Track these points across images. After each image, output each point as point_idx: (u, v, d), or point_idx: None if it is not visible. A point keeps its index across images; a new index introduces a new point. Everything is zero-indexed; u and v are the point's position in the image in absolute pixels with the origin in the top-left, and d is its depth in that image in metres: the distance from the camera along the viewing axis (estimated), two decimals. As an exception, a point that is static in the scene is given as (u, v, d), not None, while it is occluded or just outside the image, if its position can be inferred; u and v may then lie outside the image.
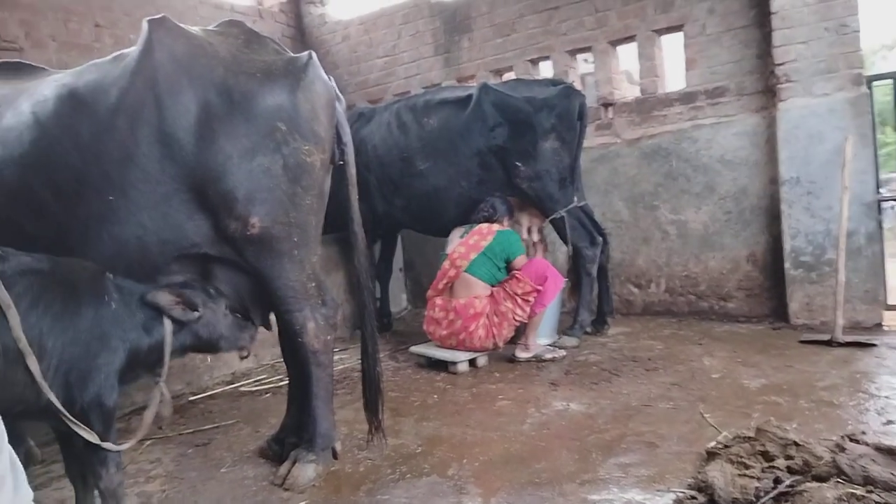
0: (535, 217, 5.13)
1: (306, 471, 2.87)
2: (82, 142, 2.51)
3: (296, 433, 3.10)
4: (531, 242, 5.13)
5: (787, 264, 4.99)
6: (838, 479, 2.17)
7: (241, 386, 4.59)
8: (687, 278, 5.67)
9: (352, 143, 3.12)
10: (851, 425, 2.94)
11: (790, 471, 2.33)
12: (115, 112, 2.51)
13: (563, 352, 4.67)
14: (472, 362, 4.60)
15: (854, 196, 4.54)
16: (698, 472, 2.48)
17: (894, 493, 2.04)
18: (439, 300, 4.71)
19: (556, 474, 2.75)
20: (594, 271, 5.05)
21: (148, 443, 3.52)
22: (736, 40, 5.26)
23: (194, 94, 2.58)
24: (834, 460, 2.26)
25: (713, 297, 5.56)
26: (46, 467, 3.22)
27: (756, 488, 2.22)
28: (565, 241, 5.02)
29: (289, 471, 2.89)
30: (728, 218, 5.42)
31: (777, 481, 2.24)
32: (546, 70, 6.42)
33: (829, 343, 4.29)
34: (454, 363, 4.50)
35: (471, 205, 4.96)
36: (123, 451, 2.36)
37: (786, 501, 2.15)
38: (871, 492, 2.06)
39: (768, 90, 5.11)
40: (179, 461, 3.30)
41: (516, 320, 4.52)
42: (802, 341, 4.43)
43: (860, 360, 3.95)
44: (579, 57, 6.38)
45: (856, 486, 2.10)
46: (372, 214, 5.46)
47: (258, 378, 4.75)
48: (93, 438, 2.18)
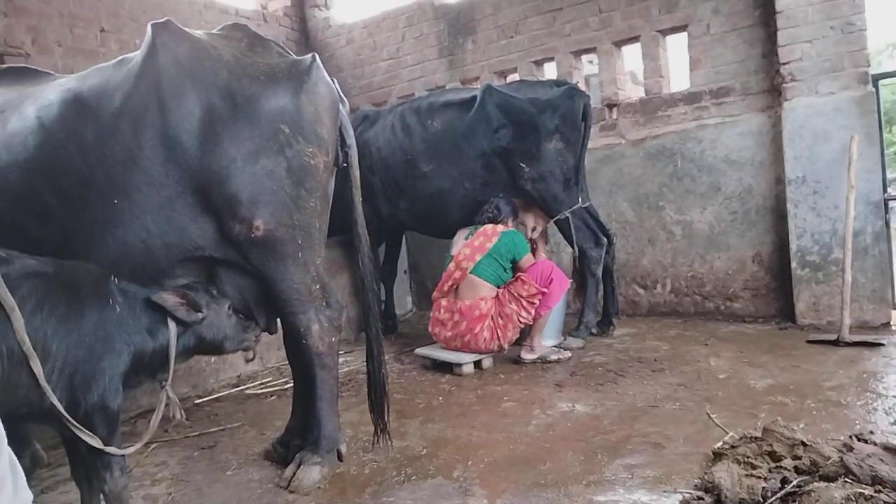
0: (539, 218, 5.12)
1: (311, 473, 2.87)
2: (87, 146, 2.52)
3: (301, 435, 3.09)
4: (535, 243, 5.12)
5: (794, 264, 4.97)
6: (846, 479, 2.16)
7: (247, 389, 4.60)
8: (693, 279, 5.65)
9: (356, 145, 3.12)
10: (859, 425, 2.92)
11: (798, 471, 2.32)
12: (119, 116, 2.52)
13: (568, 353, 4.66)
14: (478, 364, 4.59)
15: (860, 195, 4.53)
16: (705, 473, 2.47)
17: (903, 493, 2.02)
18: (444, 302, 4.71)
19: (561, 476, 2.74)
20: (599, 272, 5.04)
21: (154, 446, 3.53)
22: (741, 40, 5.25)
23: (198, 98, 2.58)
24: (842, 460, 2.25)
25: (719, 297, 5.54)
26: (53, 470, 3.23)
27: (763, 489, 2.21)
28: (570, 242, 5.01)
29: (294, 473, 2.88)
30: (734, 218, 5.40)
31: (784, 481, 2.23)
32: (550, 71, 6.41)
33: (836, 343, 4.26)
34: (459, 365, 4.50)
35: (475, 206, 4.95)
36: (128, 455, 2.37)
37: (793, 502, 2.14)
38: (880, 491, 2.05)
39: (773, 89, 5.10)
40: (185, 464, 3.31)
41: (521, 322, 4.51)
42: (809, 341, 4.41)
43: (868, 359, 3.93)
44: (584, 58, 6.38)
45: (864, 486, 2.09)
46: (376, 216, 5.47)
47: (263, 381, 4.76)
48: (95, 442, 2.18)
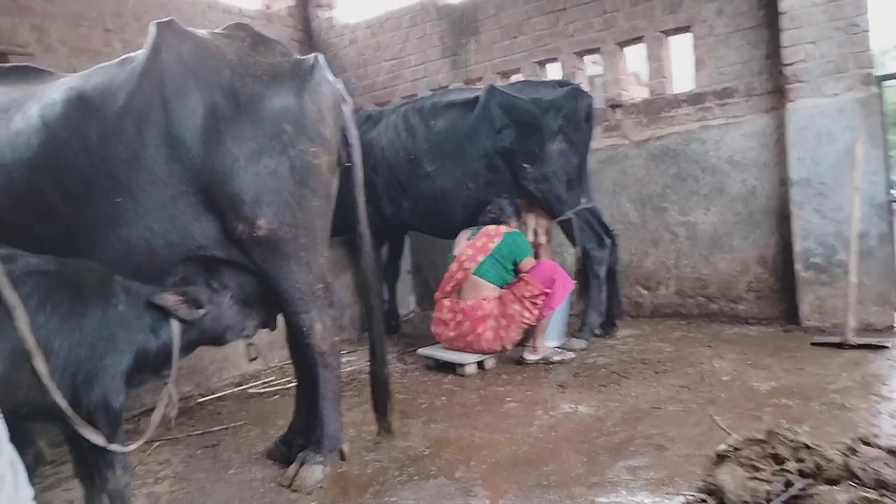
0: (542, 219, 5.11)
1: (314, 472, 2.87)
2: (90, 144, 2.52)
3: (304, 435, 3.09)
4: (538, 244, 5.11)
5: (798, 266, 4.96)
6: (850, 483, 2.14)
7: (250, 388, 4.60)
8: (696, 280, 5.64)
9: (359, 144, 3.11)
10: (863, 428, 2.91)
11: (801, 474, 2.30)
12: (123, 115, 2.52)
13: (571, 354, 4.66)
14: (480, 364, 4.59)
15: (865, 197, 4.52)
16: (708, 475, 2.45)
17: (907, 496, 2.01)
18: (447, 302, 4.70)
19: (564, 477, 2.73)
20: (603, 273, 5.03)
21: (157, 444, 3.53)
22: (744, 41, 5.24)
23: (201, 97, 2.59)
24: (846, 463, 2.23)
25: (723, 299, 5.53)
26: (56, 468, 3.23)
27: (767, 491, 2.19)
28: (573, 242, 5.00)
29: (296, 472, 2.88)
30: (737, 219, 5.39)
31: (788, 484, 2.22)
32: (554, 72, 6.41)
33: (840, 345, 4.25)
34: (462, 365, 4.49)
35: (478, 206, 4.95)
36: (131, 453, 2.37)
37: (797, 505, 2.12)
38: (884, 495, 2.03)
39: (777, 90, 5.08)
40: (188, 462, 3.31)
41: (524, 323, 4.50)
42: (814, 343, 4.39)
43: (872, 362, 3.92)
44: (587, 58, 6.37)
45: (868, 490, 2.08)
46: (380, 216, 5.47)
47: (267, 380, 4.76)
48: (98, 440, 2.18)
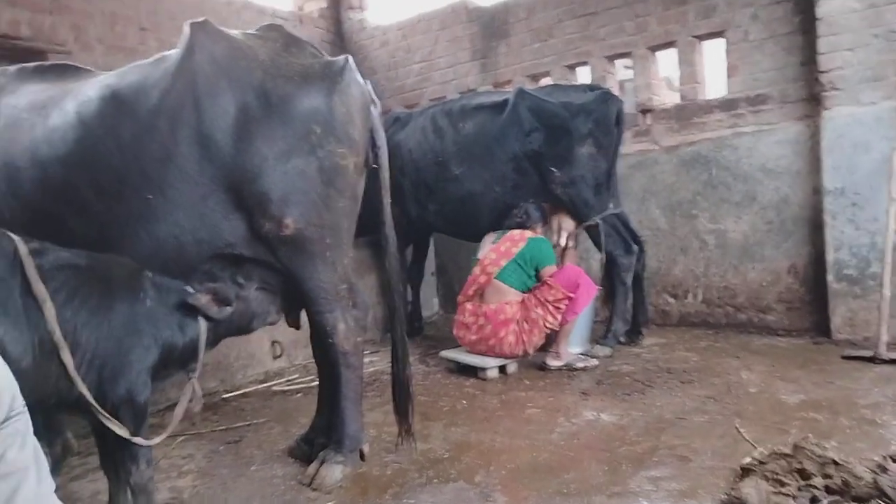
0: (568, 223, 5.07)
1: (334, 472, 2.88)
2: (124, 142, 2.57)
3: (325, 434, 3.11)
4: (563, 249, 5.07)
5: (830, 277, 4.85)
6: (879, 501, 2.09)
7: (274, 385, 4.64)
8: (725, 289, 5.55)
9: (386, 146, 3.12)
10: (895, 445, 2.83)
11: (828, 490, 2.25)
12: (156, 113, 2.57)
13: (595, 361, 4.61)
14: (502, 369, 4.57)
15: (902, 208, 4.40)
16: (732, 489, 2.41)
17: (939, 517, 1.96)
18: (469, 305, 4.69)
19: (584, 485, 2.71)
20: (629, 280, 4.98)
21: (181, 438, 3.58)
22: (779, 47, 5.15)
23: (233, 97, 2.62)
24: (875, 481, 2.18)
25: (752, 309, 5.43)
26: (83, 459, 3.29)
27: (792, 507, 2.15)
28: (600, 248, 4.96)
29: (317, 471, 2.90)
30: (769, 228, 5.29)
31: (814, 500, 2.17)
32: (584, 76, 6.37)
33: (872, 359, 4.14)
34: (484, 369, 4.48)
35: (505, 210, 4.93)
36: (155, 446, 2.41)
37: (823, 522, 2.08)
38: (915, 515, 1.98)
39: (812, 98, 4.98)
40: (211, 458, 3.35)
41: (547, 327, 4.47)
42: (844, 357, 4.29)
43: (905, 377, 3.82)
44: (619, 63, 6.32)
45: (898, 509, 2.03)
46: (405, 218, 5.48)
47: (290, 378, 4.80)
48: (123, 433, 2.22)
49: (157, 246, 2.62)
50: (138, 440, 2.27)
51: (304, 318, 3.10)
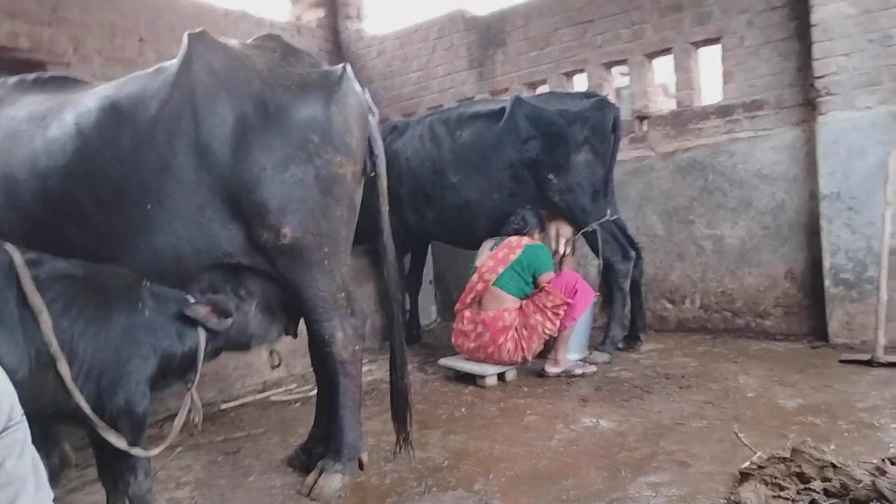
0: (566, 230, 5.09)
1: (332, 481, 2.87)
2: (122, 152, 2.57)
3: (323, 443, 3.10)
4: (562, 256, 5.08)
5: (827, 281, 4.87)
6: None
7: (272, 395, 4.63)
8: (722, 294, 5.56)
9: (384, 155, 3.13)
10: (893, 448, 2.83)
11: (827, 493, 2.26)
12: (155, 123, 2.57)
13: (593, 367, 4.62)
14: (501, 376, 4.57)
15: (897, 212, 4.41)
16: (731, 493, 2.43)
17: (938, 520, 1.96)
18: (468, 313, 4.70)
19: (584, 492, 2.71)
20: (627, 286, 4.99)
21: (179, 449, 3.57)
22: (775, 53, 5.18)
23: (231, 107, 2.63)
24: (874, 483, 2.19)
25: (749, 314, 5.44)
26: (80, 471, 3.27)
27: (791, 511, 2.16)
28: (597, 254, 4.97)
29: (315, 481, 2.89)
30: (766, 233, 5.31)
31: (813, 504, 2.18)
32: (580, 83, 6.39)
33: (869, 363, 4.15)
34: (482, 377, 4.48)
35: (502, 217, 4.94)
36: (153, 458, 2.40)
37: (822, 526, 2.08)
38: (913, 518, 1.99)
39: (808, 103, 5.00)
40: (209, 468, 3.34)
41: (546, 334, 4.47)
42: (842, 361, 4.30)
43: (903, 381, 3.82)
44: (615, 70, 6.34)
45: (897, 512, 2.03)
46: (403, 226, 5.49)
47: (288, 387, 4.79)
48: (121, 444, 2.21)
49: (155, 256, 2.63)
50: (136, 451, 2.26)
51: (302, 327, 3.11)
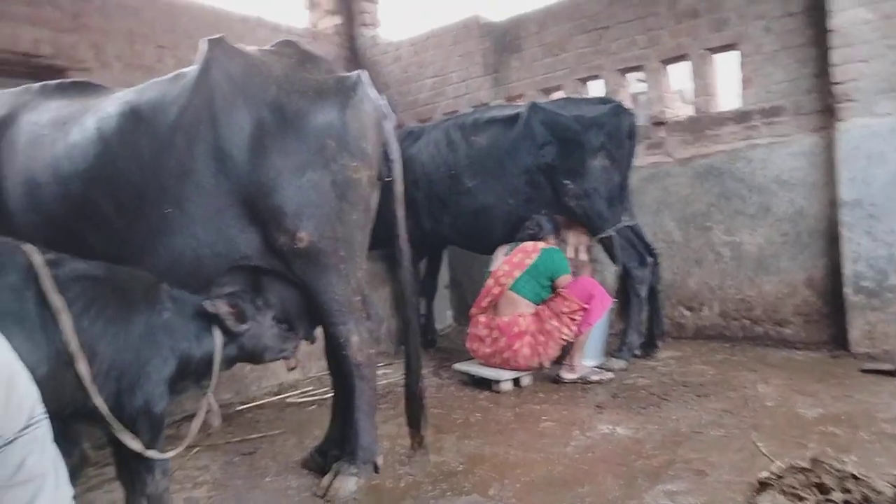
0: (582, 236, 5.08)
1: (347, 483, 2.88)
2: (143, 157, 2.61)
3: (339, 446, 3.11)
4: (578, 262, 5.07)
5: (848, 290, 4.80)
6: (900, 516, 2.07)
7: (288, 397, 4.66)
8: (741, 302, 5.51)
9: (400, 160, 3.15)
10: (916, 460, 2.79)
11: (847, 505, 2.22)
12: (174, 129, 2.61)
13: (610, 374, 4.59)
14: (516, 382, 4.55)
15: (919, 219, 4.36)
16: (749, 503, 2.39)
17: (961, 532, 1.92)
18: (483, 318, 4.69)
19: (600, 499, 2.69)
20: (644, 292, 4.96)
21: (196, 450, 3.60)
22: (793, 59, 5.14)
23: (249, 112, 2.67)
24: (895, 496, 2.15)
25: (769, 322, 5.38)
26: (99, 469, 3.31)
27: (810, 521, 2.13)
28: (614, 260, 4.95)
29: (330, 483, 2.91)
30: (785, 240, 5.26)
31: (833, 515, 2.15)
32: (596, 89, 6.38)
33: (891, 373, 4.08)
34: (498, 382, 4.47)
35: (518, 222, 4.94)
36: (171, 458, 2.42)
37: (842, 537, 2.05)
38: (936, 530, 1.95)
39: (826, 110, 4.95)
40: (226, 469, 3.37)
41: (563, 339, 4.45)
42: (863, 370, 4.24)
43: (926, 391, 3.76)
44: (632, 76, 6.32)
45: (919, 524, 2.00)
46: (419, 231, 5.50)
47: (305, 390, 4.81)
48: (136, 446, 2.22)
49: (175, 260, 2.66)
50: (151, 453, 2.26)
51: (318, 331, 3.12)
